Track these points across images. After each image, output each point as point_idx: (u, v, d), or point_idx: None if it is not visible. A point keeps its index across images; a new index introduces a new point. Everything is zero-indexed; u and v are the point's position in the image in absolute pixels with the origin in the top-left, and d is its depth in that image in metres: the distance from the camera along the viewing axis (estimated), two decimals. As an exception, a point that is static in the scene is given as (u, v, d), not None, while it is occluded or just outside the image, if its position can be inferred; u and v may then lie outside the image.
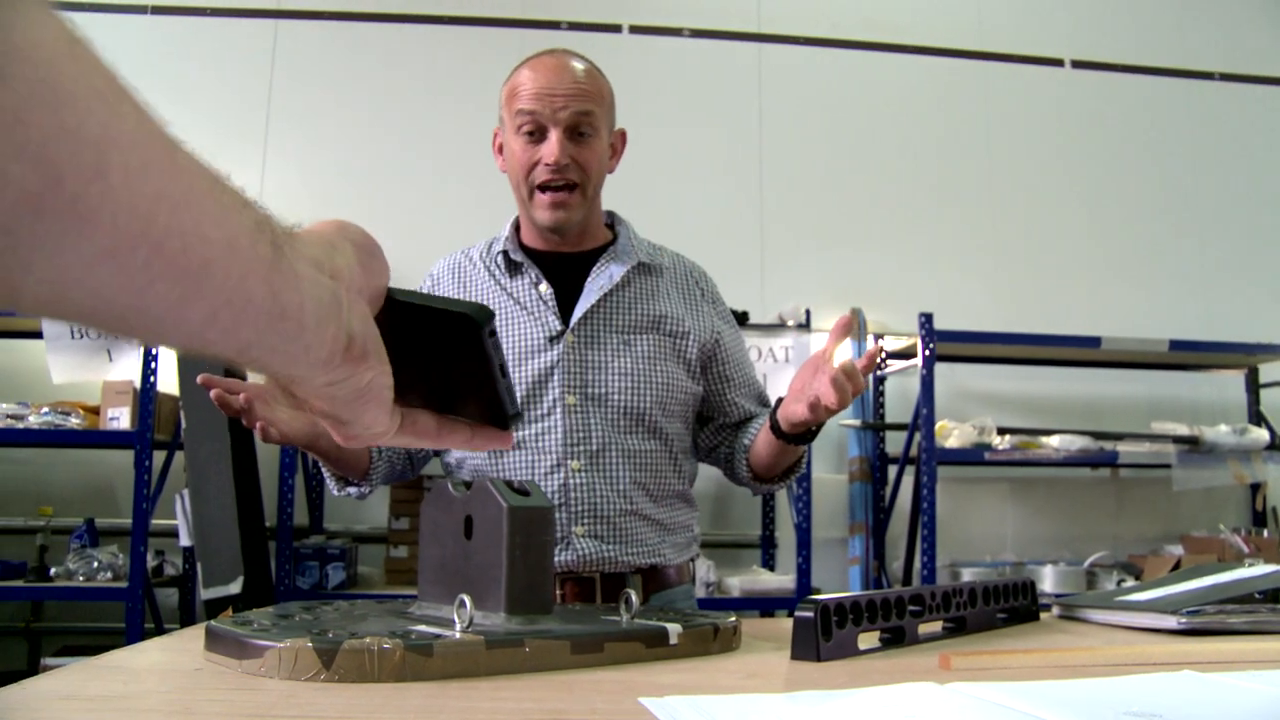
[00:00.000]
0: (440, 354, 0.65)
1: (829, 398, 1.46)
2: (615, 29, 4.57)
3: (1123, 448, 4.02)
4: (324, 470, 1.74)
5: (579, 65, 1.75)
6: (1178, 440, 4.06)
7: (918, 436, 3.87)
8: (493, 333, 0.62)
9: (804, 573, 3.77)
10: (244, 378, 1.49)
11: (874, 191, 4.60)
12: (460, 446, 0.71)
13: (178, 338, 0.47)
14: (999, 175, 4.68)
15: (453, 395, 0.69)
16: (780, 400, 1.66)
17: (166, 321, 0.45)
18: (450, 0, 4.49)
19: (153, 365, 3.51)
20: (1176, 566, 3.67)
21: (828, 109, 4.65)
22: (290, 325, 0.50)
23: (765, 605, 3.76)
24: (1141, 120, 4.81)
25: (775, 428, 1.67)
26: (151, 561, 3.64)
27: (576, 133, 1.71)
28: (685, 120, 4.49)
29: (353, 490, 1.76)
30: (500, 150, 1.82)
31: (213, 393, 1.43)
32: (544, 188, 1.73)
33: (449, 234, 4.23)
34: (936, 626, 1.34)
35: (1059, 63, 4.81)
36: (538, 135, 1.71)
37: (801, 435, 1.66)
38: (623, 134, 1.86)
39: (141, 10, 4.36)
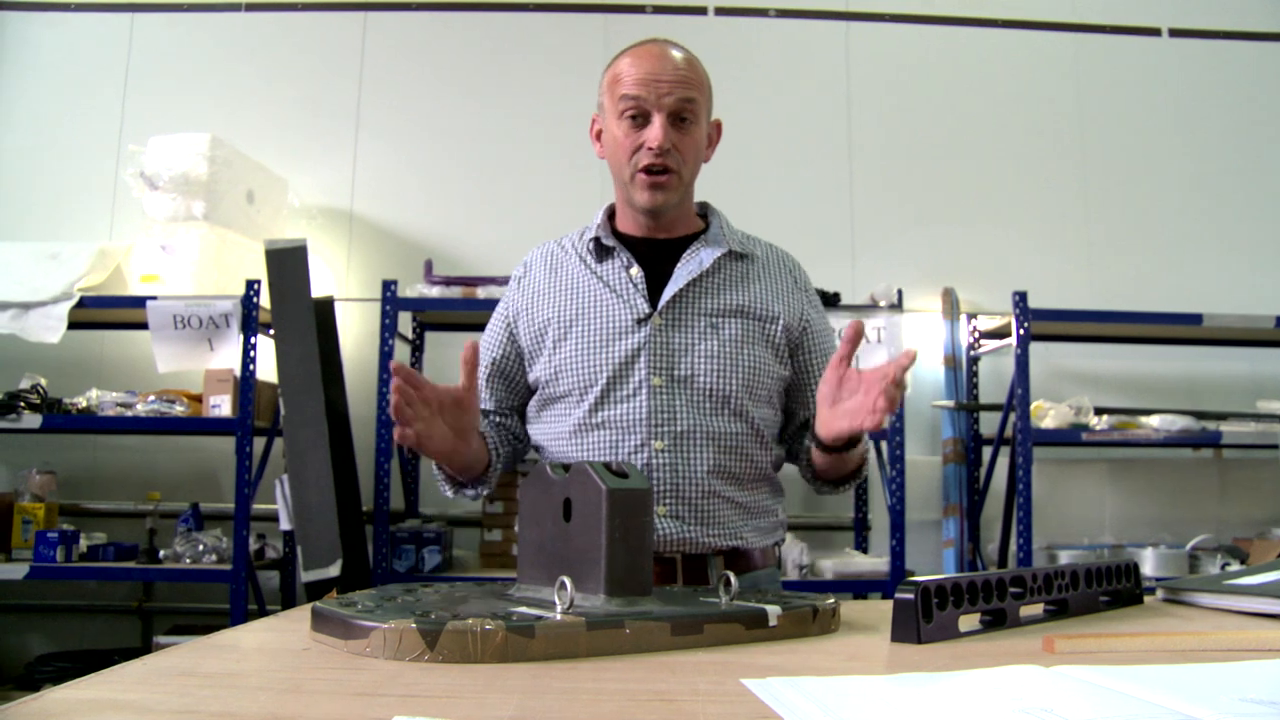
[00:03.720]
0: None
1: (880, 408, 1.46)
2: (701, 11, 4.54)
3: (1226, 428, 3.91)
4: (439, 474, 1.77)
5: (681, 54, 1.77)
6: (1286, 420, 3.93)
7: (1013, 417, 3.80)
8: None
9: (897, 555, 3.73)
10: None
11: (965, 169, 4.51)
12: None
13: None
14: (1094, 149, 4.56)
15: None
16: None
17: None
18: (534, -13, 4.52)
19: (252, 354, 3.59)
20: (1286, 549, 3.56)
21: (916, 86, 4.57)
22: None
23: (858, 588, 3.73)
24: (1243, 89, 4.64)
25: (819, 444, 1.67)
26: (253, 545, 3.74)
27: (679, 119, 1.74)
28: (773, 101, 4.46)
29: (469, 492, 1.80)
30: (598, 137, 1.85)
31: (396, 388, 1.46)
32: (646, 170, 1.75)
33: (538, 216, 4.27)
34: (1037, 609, 1.31)
35: (1156, 31, 4.66)
36: (641, 120, 1.74)
37: (846, 444, 1.67)
38: (719, 124, 1.88)
39: (236, 8, 4.47)
